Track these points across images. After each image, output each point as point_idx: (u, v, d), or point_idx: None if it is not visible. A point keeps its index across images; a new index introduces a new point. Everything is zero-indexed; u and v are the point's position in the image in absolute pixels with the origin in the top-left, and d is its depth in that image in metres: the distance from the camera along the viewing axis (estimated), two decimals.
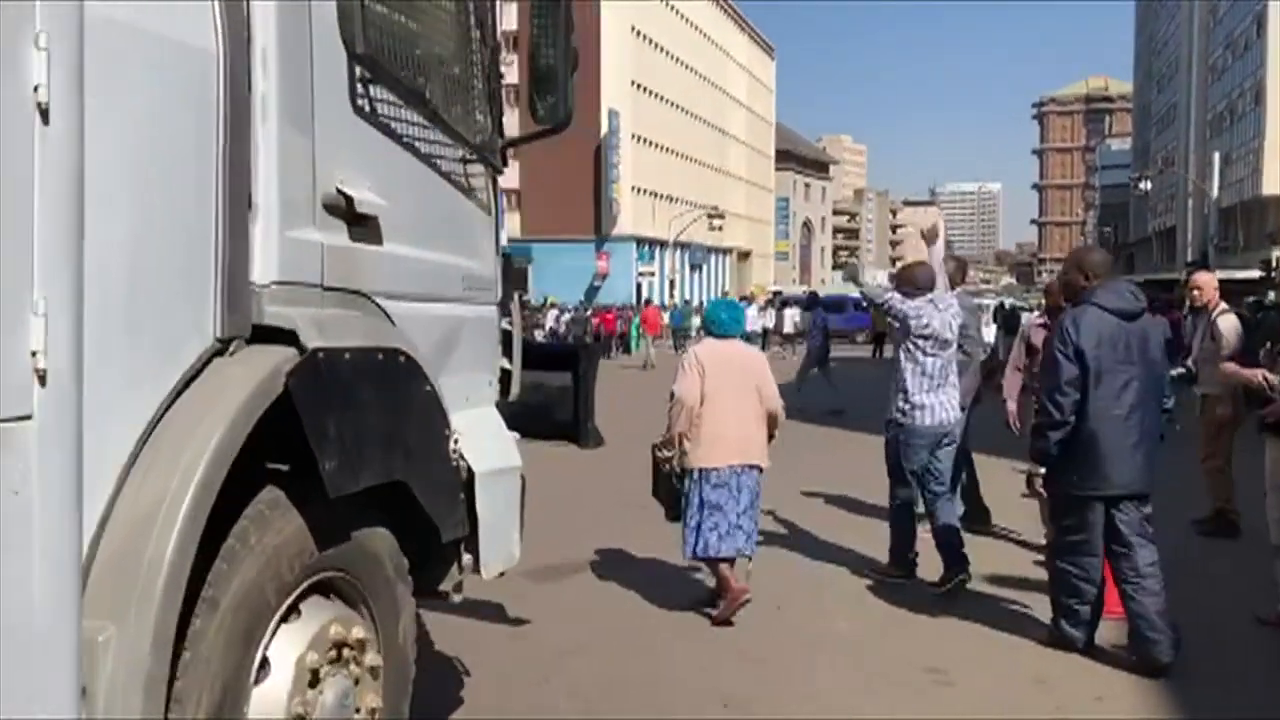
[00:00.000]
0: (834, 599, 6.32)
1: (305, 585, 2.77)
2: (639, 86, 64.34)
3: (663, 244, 64.35)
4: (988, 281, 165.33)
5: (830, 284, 69.80)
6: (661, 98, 68.02)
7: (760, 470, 5.88)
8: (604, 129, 60.28)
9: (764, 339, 37.10)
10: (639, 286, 60.80)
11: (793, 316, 35.63)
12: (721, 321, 6.06)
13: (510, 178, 49.54)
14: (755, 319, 31.20)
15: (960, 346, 6.83)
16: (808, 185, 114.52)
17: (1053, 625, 5.45)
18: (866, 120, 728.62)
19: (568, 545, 7.33)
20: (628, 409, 11.14)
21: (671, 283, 64.68)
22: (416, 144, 3.35)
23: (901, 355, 6.40)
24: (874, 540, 7.30)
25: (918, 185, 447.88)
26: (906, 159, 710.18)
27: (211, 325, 2.51)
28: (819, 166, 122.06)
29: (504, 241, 4.06)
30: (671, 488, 5.97)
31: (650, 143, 66.26)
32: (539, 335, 29.00)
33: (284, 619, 2.71)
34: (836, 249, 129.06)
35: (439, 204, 3.55)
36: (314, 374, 2.59)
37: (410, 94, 3.26)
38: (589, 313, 37.70)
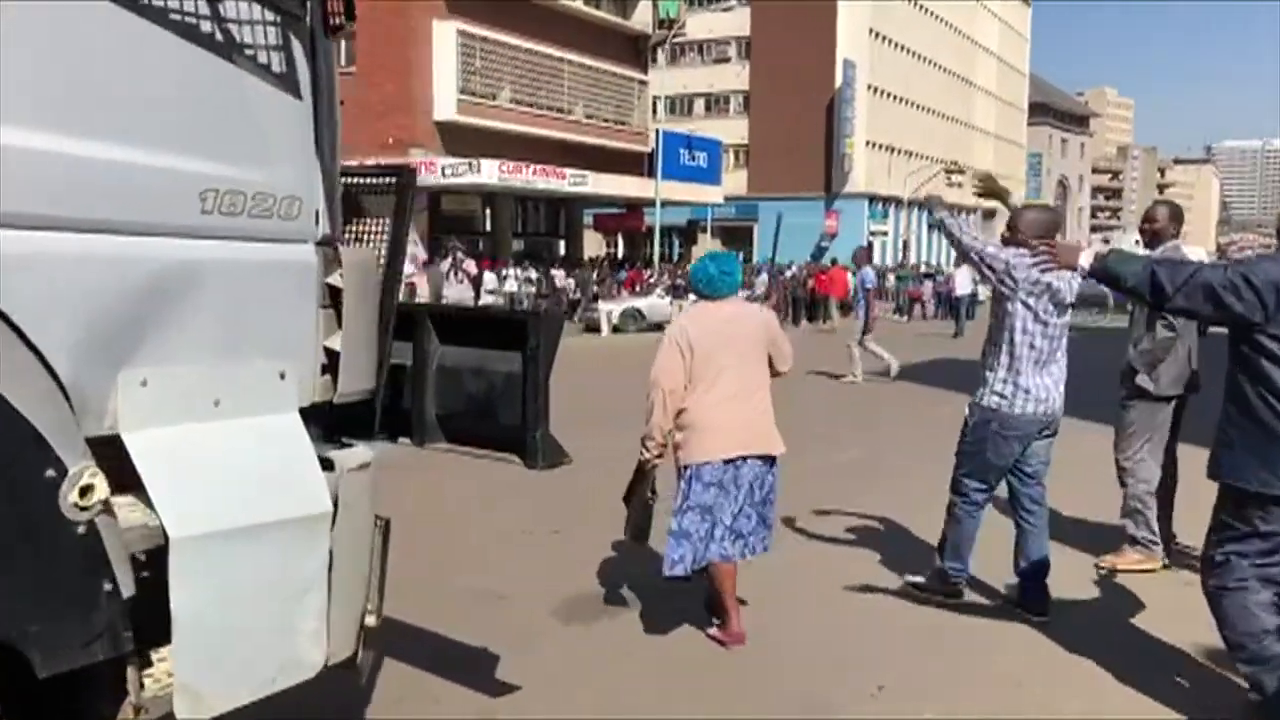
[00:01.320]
0: (951, 668, 4.44)
1: None
2: (878, 36, 60.81)
3: (898, 202, 60.91)
4: (1268, 247, 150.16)
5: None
6: (902, 47, 64.11)
7: (771, 461, 4.72)
8: (838, 80, 57.32)
9: None
10: (869, 246, 57.82)
11: None
12: (710, 279, 4.71)
13: (737, 132, 48.32)
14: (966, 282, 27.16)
15: (1167, 321, 5.41)
16: (1064, 140, 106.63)
17: None
18: (1134, 71, 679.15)
19: (604, 571, 5.76)
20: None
21: (905, 243, 61.21)
22: None
23: (1005, 318, 4.88)
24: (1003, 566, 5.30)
25: (1191, 142, 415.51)
26: (1179, 114, 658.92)
27: None
28: (1078, 121, 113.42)
29: (338, 146, 2.51)
30: (645, 502, 4.83)
31: (888, 95, 62.59)
32: (743, 295, 26.99)
33: None
34: (1096, 209, 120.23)
35: (127, 61, 2.02)
36: None
37: None
38: (805, 272, 35.63)
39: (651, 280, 31.21)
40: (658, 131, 35.55)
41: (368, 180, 2.96)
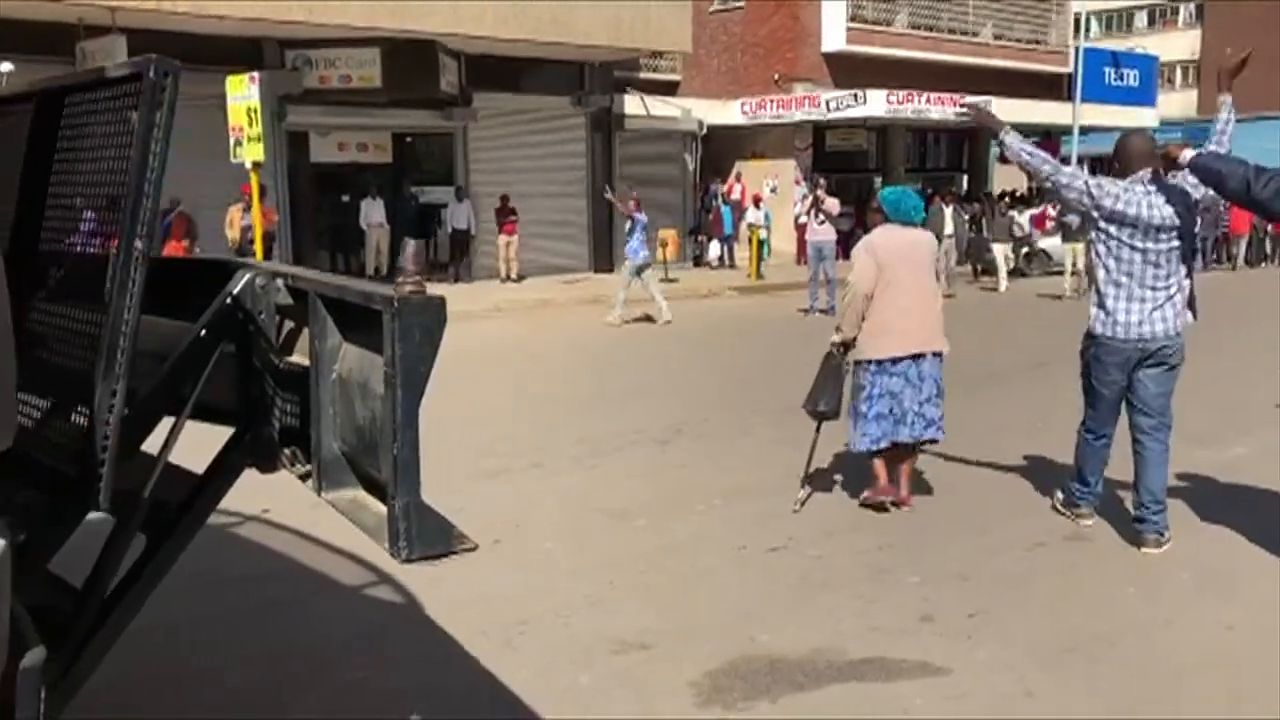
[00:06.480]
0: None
1: None
2: None
3: None
4: None
5: None
6: None
7: (940, 356, 5.72)
8: None
9: None
10: None
11: None
12: (902, 209, 5.80)
13: (1187, 47, 42.28)
14: None
15: None
16: None
17: None
18: None
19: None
20: None
21: None
22: None
23: (1094, 246, 5.19)
24: None
25: None
26: None
27: None
28: None
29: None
30: (829, 379, 5.77)
31: None
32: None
33: None
34: None
35: None
36: None
37: None
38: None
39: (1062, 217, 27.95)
40: (1077, 49, 31.71)
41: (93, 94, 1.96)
